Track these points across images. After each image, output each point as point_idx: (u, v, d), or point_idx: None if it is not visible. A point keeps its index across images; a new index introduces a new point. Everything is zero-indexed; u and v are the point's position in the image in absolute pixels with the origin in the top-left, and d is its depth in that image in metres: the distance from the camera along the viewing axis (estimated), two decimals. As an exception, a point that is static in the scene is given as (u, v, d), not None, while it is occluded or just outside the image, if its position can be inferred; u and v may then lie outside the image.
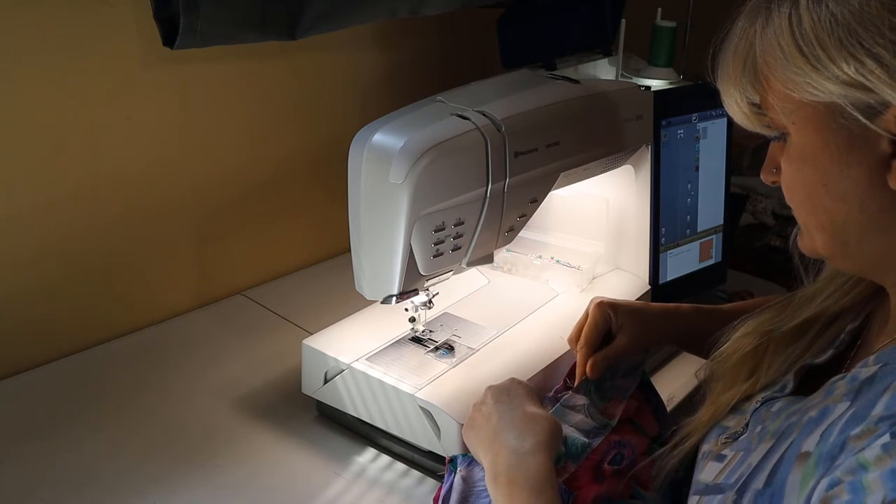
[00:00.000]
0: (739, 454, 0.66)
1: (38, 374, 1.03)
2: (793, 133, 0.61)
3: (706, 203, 1.19)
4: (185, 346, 1.11)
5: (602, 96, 0.97)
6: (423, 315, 0.94)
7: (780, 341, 0.72)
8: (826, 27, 0.55)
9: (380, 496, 0.85)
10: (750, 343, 0.74)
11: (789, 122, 0.61)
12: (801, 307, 0.72)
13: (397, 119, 0.81)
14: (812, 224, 0.64)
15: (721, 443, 0.70)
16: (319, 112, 1.30)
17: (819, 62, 0.56)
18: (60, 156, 1.01)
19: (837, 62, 0.55)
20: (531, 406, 0.78)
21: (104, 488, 0.84)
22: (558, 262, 1.12)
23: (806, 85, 0.57)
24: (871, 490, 0.50)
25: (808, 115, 0.59)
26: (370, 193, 0.80)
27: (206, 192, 1.18)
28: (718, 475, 0.67)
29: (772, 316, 0.74)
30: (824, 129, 0.58)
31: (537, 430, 0.74)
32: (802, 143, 0.60)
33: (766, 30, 0.60)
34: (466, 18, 1.37)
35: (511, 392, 0.80)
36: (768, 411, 0.68)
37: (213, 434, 0.93)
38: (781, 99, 0.60)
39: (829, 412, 0.59)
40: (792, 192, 0.64)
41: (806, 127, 0.60)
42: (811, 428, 0.59)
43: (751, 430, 0.68)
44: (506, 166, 0.83)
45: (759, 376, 0.72)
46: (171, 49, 0.95)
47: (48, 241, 1.03)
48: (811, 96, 0.57)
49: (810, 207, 0.63)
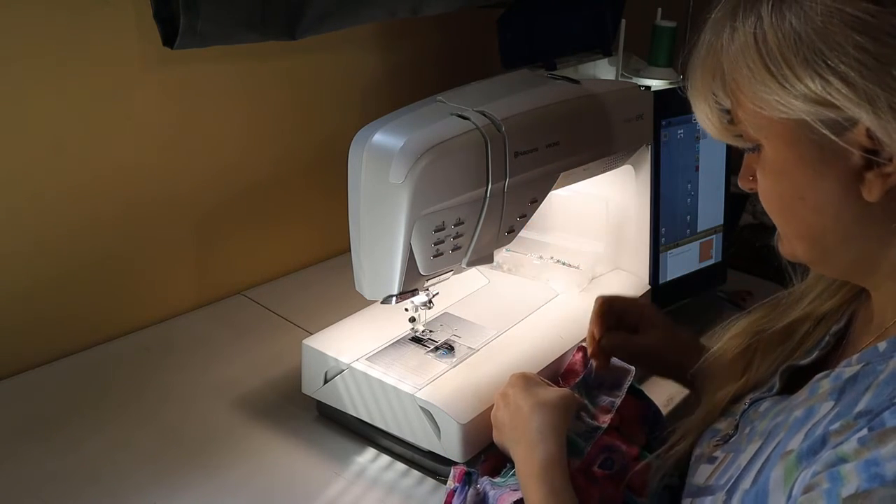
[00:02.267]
0: (730, 455, 0.67)
1: (38, 374, 1.03)
2: (765, 147, 0.61)
3: (706, 203, 1.19)
4: (185, 346, 1.11)
5: (602, 96, 0.97)
6: (423, 315, 0.94)
7: (769, 342, 0.72)
8: (791, 45, 0.56)
9: (380, 496, 0.85)
10: (740, 343, 0.74)
11: (761, 137, 0.61)
12: (790, 308, 0.73)
13: (397, 119, 0.81)
14: (791, 232, 0.64)
15: (713, 445, 0.71)
16: (319, 112, 1.30)
17: (786, 80, 0.56)
18: (60, 156, 1.01)
19: (803, 80, 0.55)
20: (538, 392, 0.79)
21: (104, 488, 0.84)
22: (558, 262, 1.12)
23: (775, 102, 0.57)
24: (848, 479, 0.51)
25: (779, 130, 0.59)
26: (370, 193, 0.80)
27: (207, 192, 1.18)
28: (709, 477, 0.67)
29: (761, 316, 0.74)
30: (796, 144, 0.59)
31: (542, 418, 0.76)
32: (775, 157, 0.61)
33: (731, 45, 0.60)
34: (466, 18, 1.37)
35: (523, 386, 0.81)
36: (756, 411, 0.69)
37: (213, 434, 0.93)
38: (751, 115, 0.60)
39: (814, 411, 0.59)
40: (769, 202, 0.64)
41: (777, 142, 0.60)
42: (797, 427, 0.60)
43: (740, 432, 0.69)
44: (506, 166, 0.83)
45: (748, 377, 0.73)
46: (171, 49, 0.95)
47: (48, 240, 1.03)
48: (780, 113, 0.57)
49: (788, 217, 0.63)
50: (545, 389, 0.81)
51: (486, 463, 0.83)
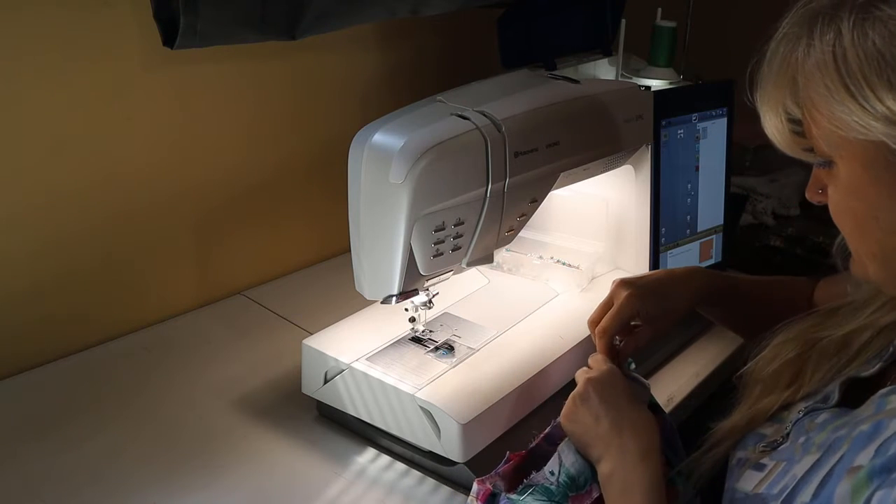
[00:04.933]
0: (782, 464, 0.65)
1: (38, 374, 1.03)
2: (839, 165, 0.60)
3: (706, 203, 1.19)
4: (186, 346, 1.11)
5: (602, 96, 0.97)
6: (423, 315, 0.94)
7: (825, 350, 0.71)
8: (874, 65, 0.54)
9: (380, 496, 0.85)
10: (792, 350, 0.73)
11: (835, 155, 0.59)
12: (848, 317, 0.71)
13: (397, 119, 0.81)
14: (863, 252, 0.63)
15: (759, 451, 0.69)
16: (319, 112, 1.30)
17: (867, 101, 0.55)
18: (60, 156, 1.01)
19: (885, 101, 0.54)
20: (635, 406, 0.77)
21: (104, 488, 0.84)
22: (558, 262, 1.12)
23: (853, 123, 0.56)
24: None
25: (855, 150, 0.58)
26: (370, 193, 0.80)
27: (207, 192, 1.18)
28: (759, 484, 0.66)
29: (816, 323, 0.73)
30: (872, 164, 0.57)
31: (645, 436, 0.74)
32: (850, 175, 0.59)
33: (807, 60, 0.58)
34: (466, 18, 1.37)
35: (614, 387, 0.78)
36: (812, 422, 0.67)
37: (213, 434, 0.93)
38: (826, 133, 0.59)
39: (882, 427, 0.58)
40: (841, 220, 0.63)
41: (853, 161, 0.58)
42: (863, 442, 0.58)
43: (793, 441, 0.67)
44: (506, 166, 0.83)
45: (800, 384, 0.71)
46: (171, 49, 0.95)
47: (48, 240, 1.03)
48: (858, 134, 0.56)
49: (861, 237, 0.62)
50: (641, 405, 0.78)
51: (507, 464, 0.79)
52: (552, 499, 0.74)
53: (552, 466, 0.76)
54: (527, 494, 0.75)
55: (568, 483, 0.75)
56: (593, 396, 0.77)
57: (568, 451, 0.77)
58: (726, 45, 0.72)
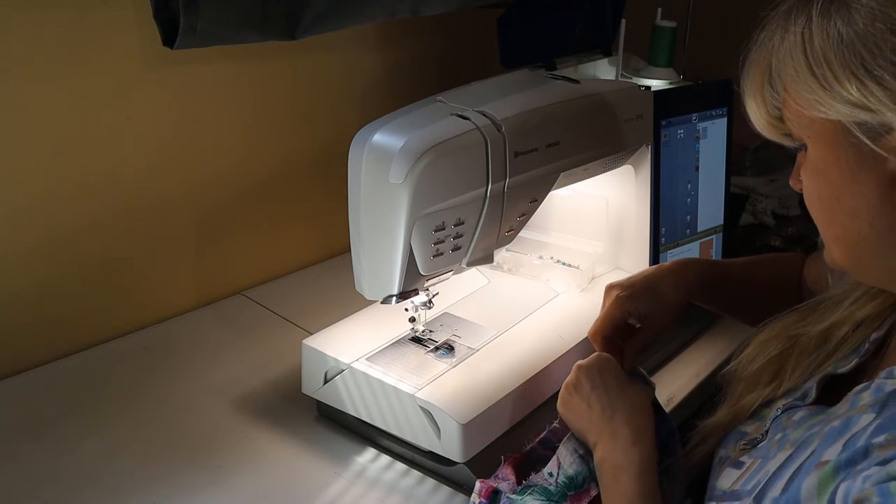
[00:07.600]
0: (758, 461, 0.66)
1: (38, 374, 1.03)
2: (808, 146, 0.61)
3: (706, 203, 1.19)
4: (186, 346, 1.11)
5: (602, 96, 0.97)
6: (423, 315, 0.94)
7: (805, 346, 0.72)
8: (834, 47, 0.56)
9: (380, 496, 0.85)
10: (774, 347, 0.73)
11: (805, 136, 0.61)
12: (828, 312, 0.72)
13: (397, 119, 0.81)
14: (829, 236, 0.64)
15: (739, 449, 0.70)
16: (319, 112, 1.30)
17: (827, 82, 0.56)
18: (60, 155, 1.01)
19: (843, 82, 0.55)
20: (626, 391, 0.78)
21: (104, 488, 0.84)
22: (558, 262, 1.12)
23: (815, 103, 0.57)
24: None
25: (819, 130, 0.59)
26: (370, 193, 0.80)
27: (207, 192, 1.18)
28: (736, 482, 0.66)
29: (797, 319, 0.74)
30: (835, 145, 0.59)
31: (636, 420, 0.75)
32: (816, 157, 0.61)
33: (782, 45, 0.60)
34: (466, 18, 1.37)
35: (604, 373, 0.79)
36: (789, 419, 0.67)
37: (213, 434, 0.93)
38: (795, 114, 0.61)
39: (852, 423, 0.58)
40: (810, 202, 0.64)
41: (818, 142, 0.60)
42: (833, 438, 0.59)
43: (770, 438, 0.68)
44: (506, 166, 0.83)
45: (781, 381, 0.72)
46: (171, 49, 0.95)
47: (48, 240, 1.03)
48: (820, 114, 0.58)
49: (827, 219, 0.63)
50: (634, 387, 0.79)
51: (507, 463, 0.81)
52: (551, 498, 0.75)
53: (551, 468, 0.77)
54: (526, 494, 0.76)
55: (566, 483, 0.76)
56: (584, 383, 0.79)
57: (566, 453, 0.77)
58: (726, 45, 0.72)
